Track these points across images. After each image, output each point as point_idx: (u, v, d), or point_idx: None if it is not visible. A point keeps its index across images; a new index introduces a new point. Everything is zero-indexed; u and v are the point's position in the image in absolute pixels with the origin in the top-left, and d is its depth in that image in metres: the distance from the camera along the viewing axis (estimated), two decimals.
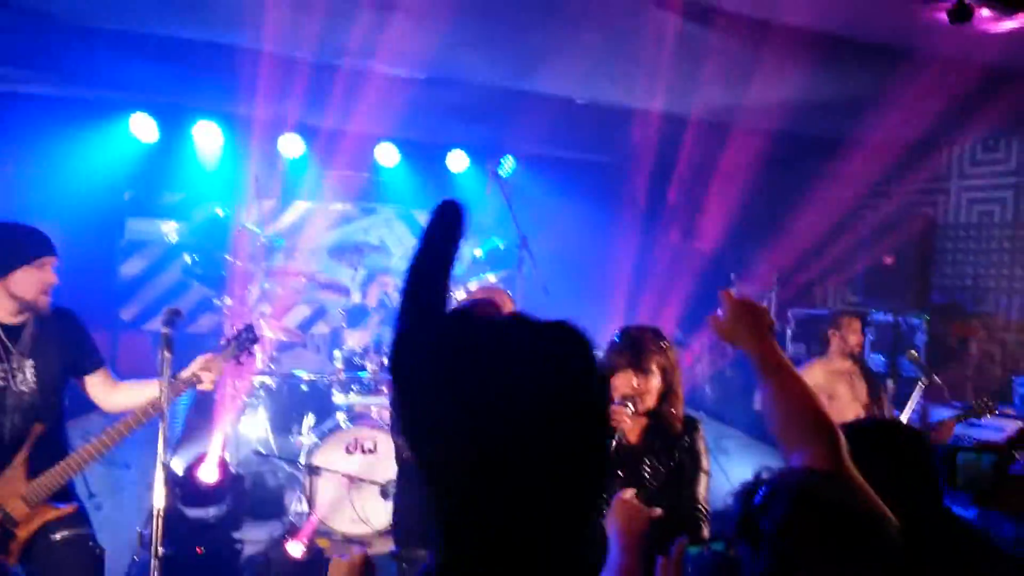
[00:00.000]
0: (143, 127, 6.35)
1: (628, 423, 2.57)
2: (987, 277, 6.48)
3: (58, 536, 2.79)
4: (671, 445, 2.68)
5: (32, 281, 2.78)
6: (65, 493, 2.90)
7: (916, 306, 6.40)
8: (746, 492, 1.12)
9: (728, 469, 6.36)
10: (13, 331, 2.83)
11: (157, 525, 2.36)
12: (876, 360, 6.30)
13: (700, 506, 2.57)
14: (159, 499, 2.38)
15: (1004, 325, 6.31)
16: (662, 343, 2.70)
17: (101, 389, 3.06)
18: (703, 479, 2.66)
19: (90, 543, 2.88)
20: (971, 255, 6.60)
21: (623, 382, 2.63)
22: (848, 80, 4.77)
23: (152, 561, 2.33)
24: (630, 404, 2.59)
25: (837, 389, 4.65)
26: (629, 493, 1.94)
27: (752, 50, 4.22)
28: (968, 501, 1.52)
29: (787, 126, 5.98)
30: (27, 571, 2.83)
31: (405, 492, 3.21)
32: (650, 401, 2.66)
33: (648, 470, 2.65)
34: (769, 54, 4.25)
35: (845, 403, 4.62)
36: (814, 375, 4.66)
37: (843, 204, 7.59)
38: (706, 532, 2.62)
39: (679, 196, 7.47)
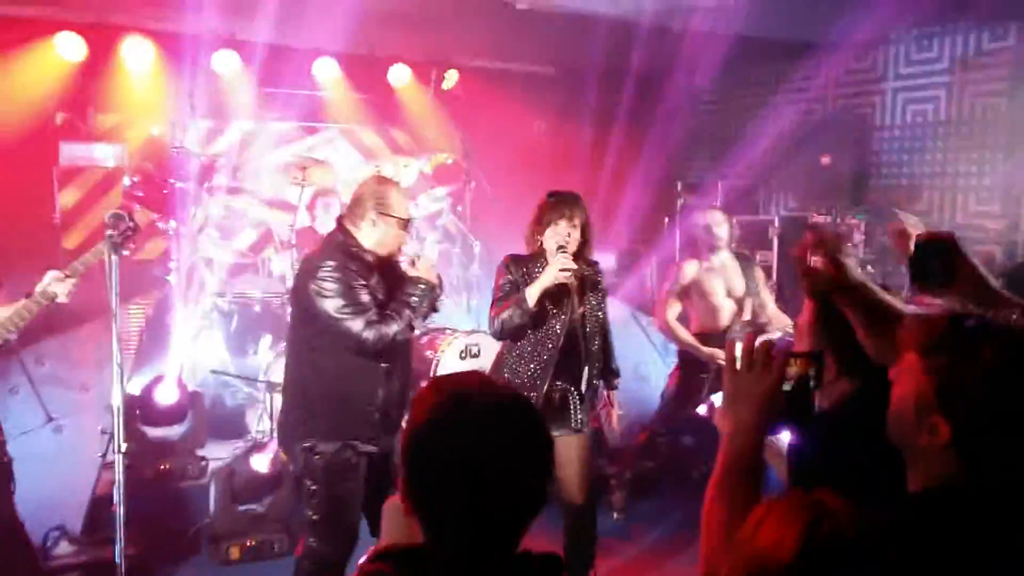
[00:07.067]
0: (70, 46, 6.05)
1: (573, 263, 3.25)
2: (921, 176, 6.69)
3: None
4: (596, 278, 3.57)
5: None
6: None
7: (853, 206, 6.60)
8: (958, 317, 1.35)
9: None
10: None
11: (117, 422, 2.40)
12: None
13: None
14: (117, 397, 2.41)
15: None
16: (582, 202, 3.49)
17: None
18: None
19: None
20: (905, 154, 6.80)
21: (559, 232, 3.34)
22: None
23: (116, 456, 2.38)
24: (565, 249, 3.29)
25: (708, 285, 4.83)
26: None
27: None
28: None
29: (734, 29, 5.96)
30: None
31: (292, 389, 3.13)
32: (575, 247, 3.37)
33: (592, 298, 3.50)
34: None
35: (719, 298, 4.82)
36: (688, 272, 4.87)
37: (780, 109, 7.69)
38: None
39: (627, 106, 7.46)
